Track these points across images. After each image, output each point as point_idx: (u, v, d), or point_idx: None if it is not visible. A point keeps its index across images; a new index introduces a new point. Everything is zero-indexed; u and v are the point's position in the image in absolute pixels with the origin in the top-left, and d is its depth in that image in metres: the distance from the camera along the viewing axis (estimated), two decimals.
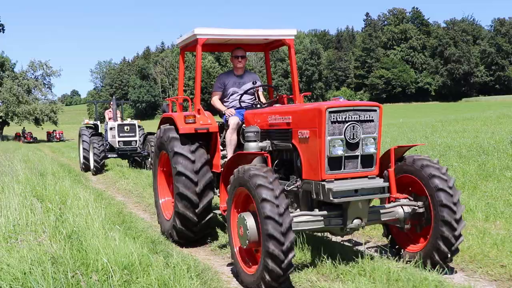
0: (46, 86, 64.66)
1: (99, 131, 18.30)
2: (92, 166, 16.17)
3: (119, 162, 18.64)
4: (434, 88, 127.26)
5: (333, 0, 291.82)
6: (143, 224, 7.81)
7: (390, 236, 5.65)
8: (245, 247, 4.79)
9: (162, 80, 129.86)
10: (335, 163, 4.78)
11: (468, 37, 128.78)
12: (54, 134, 59.06)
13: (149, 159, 16.17)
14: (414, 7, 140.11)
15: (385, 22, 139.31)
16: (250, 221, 4.66)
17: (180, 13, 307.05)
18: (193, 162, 6.27)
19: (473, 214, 7.20)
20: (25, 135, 57.20)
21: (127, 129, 16.73)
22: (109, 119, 18.42)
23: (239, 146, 6.44)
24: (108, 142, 17.36)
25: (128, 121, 18.12)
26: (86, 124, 19.03)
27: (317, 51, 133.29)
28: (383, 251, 5.73)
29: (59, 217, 6.47)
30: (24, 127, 60.13)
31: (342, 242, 6.49)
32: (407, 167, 5.26)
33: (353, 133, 4.79)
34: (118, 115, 18.53)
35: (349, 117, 4.80)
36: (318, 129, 4.78)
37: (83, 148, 17.21)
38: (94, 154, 15.77)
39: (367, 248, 6.08)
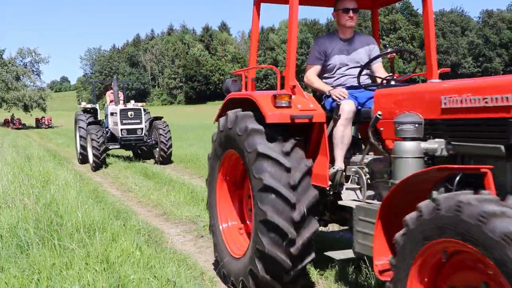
0: (35, 73, 65.66)
1: (98, 116, 16.23)
2: (91, 161, 13.66)
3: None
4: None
5: None
6: (113, 199, 9.24)
7: None
8: None
9: (151, 68, 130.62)
10: None
11: (456, 28, 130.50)
12: (43, 120, 60.00)
13: (157, 149, 14.34)
14: None
15: None
16: None
17: (170, 1, 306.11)
18: (288, 170, 4.03)
19: None
20: (14, 122, 58.15)
21: (131, 114, 14.26)
22: (111, 102, 15.85)
23: (355, 146, 4.62)
24: (109, 130, 14.99)
25: (132, 104, 15.30)
26: (83, 108, 16.23)
27: (307, 40, 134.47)
28: None
29: (41, 190, 7.90)
30: (13, 114, 61.03)
31: None
32: None
33: None
34: (120, 97, 15.88)
35: None
36: None
37: (80, 136, 14.77)
38: (93, 147, 13.21)
39: None
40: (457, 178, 2.85)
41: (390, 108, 3.80)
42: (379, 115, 3.88)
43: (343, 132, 4.28)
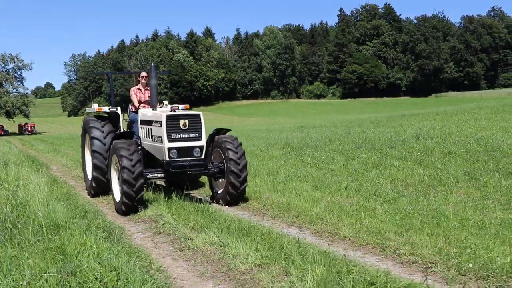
0: (18, 79, 65.66)
1: (121, 125, 10.62)
2: (117, 198, 8.70)
3: None
4: (405, 83, 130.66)
5: None
6: (83, 201, 9.71)
7: None
8: None
9: (136, 75, 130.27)
10: None
11: (438, 34, 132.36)
12: (26, 127, 60.11)
13: (220, 180, 9.20)
14: (386, 3, 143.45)
15: (358, 17, 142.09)
16: None
17: (154, 7, 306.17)
18: None
19: (341, 192, 9.26)
20: None
21: (184, 125, 8.58)
22: (140, 103, 10.36)
23: None
24: (141, 147, 9.12)
25: (167, 105, 10.36)
26: (97, 111, 10.72)
27: (291, 46, 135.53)
28: None
29: (13, 193, 8.36)
30: None
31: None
32: None
33: None
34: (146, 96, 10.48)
35: None
36: None
37: (94, 151, 9.89)
38: (125, 180, 8.10)
39: None
40: None
41: None
42: None
43: None
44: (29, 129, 59.98)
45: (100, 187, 10.02)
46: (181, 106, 10.51)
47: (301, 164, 13.31)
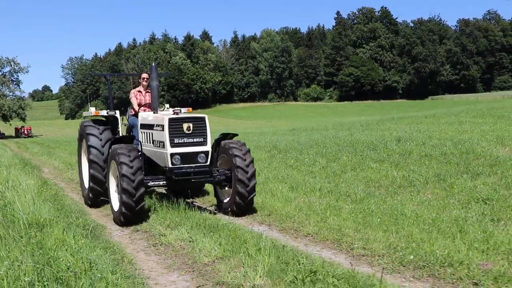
0: (14, 82, 66.07)
1: (120, 130, 10.15)
2: (115, 207, 8.25)
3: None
4: (401, 86, 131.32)
5: None
6: (70, 201, 10.20)
7: None
8: None
9: (133, 77, 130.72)
10: None
11: (435, 37, 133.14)
12: (22, 130, 60.53)
13: (226, 188, 8.84)
14: (383, 7, 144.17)
15: (355, 21, 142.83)
16: None
17: (151, 9, 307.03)
18: None
19: (314, 193, 9.75)
20: None
21: (188, 128, 8.09)
22: (140, 106, 9.87)
23: None
24: (142, 153, 8.58)
25: (167, 108, 10.23)
26: (94, 115, 10.11)
27: (288, 49, 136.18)
28: None
29: (2, 194, 8.84)
30: None
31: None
32: None
33: None
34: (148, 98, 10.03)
35: None
36: None
37: (91, 161, 9.45)
38: (124, 189, 7.62)
39: None
40: None
41: None
42: None
43: None
44: (26, 132, 60.46)
45: (99, 186, 9.36)
46: (183, 110, 9.94)
47: (284, 166, 13.78)
